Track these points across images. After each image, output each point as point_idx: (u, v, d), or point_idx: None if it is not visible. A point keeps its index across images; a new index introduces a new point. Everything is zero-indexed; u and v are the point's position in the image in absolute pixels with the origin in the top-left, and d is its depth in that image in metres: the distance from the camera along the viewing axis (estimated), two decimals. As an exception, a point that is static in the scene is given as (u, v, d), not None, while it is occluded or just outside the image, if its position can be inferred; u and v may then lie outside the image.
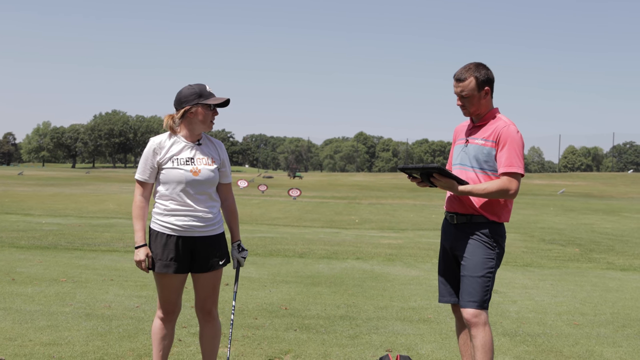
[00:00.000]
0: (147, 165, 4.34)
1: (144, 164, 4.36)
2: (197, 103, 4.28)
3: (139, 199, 4.37)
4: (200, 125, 4.34)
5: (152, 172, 4.34)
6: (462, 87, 4.30)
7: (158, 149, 4.32)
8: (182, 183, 4.25)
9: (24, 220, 17.55)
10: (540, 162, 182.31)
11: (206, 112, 4.31)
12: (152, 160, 4.32)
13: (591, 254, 13.71)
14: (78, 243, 12.68)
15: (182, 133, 4.37)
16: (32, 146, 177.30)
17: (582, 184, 71.57)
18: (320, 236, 15.84)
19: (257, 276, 9.32)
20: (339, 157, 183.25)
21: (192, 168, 4.28)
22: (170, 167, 4.27)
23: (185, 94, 4.31)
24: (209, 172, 4.32)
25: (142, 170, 4.37)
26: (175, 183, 4.26)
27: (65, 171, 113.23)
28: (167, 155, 4.30)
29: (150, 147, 4.34)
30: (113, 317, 6.60)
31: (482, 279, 4.21)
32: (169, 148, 4.32)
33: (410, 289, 8.73)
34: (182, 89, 4.33)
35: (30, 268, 9.34)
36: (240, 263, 4.56)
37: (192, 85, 4.33)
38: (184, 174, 4.25)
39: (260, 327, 6.42)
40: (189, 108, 4.29)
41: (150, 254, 4.32)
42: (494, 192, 4.18)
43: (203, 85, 4.34)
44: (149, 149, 4.34)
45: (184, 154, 4.32)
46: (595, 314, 7.48)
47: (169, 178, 4.28)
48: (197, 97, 4.28)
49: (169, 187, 4.28)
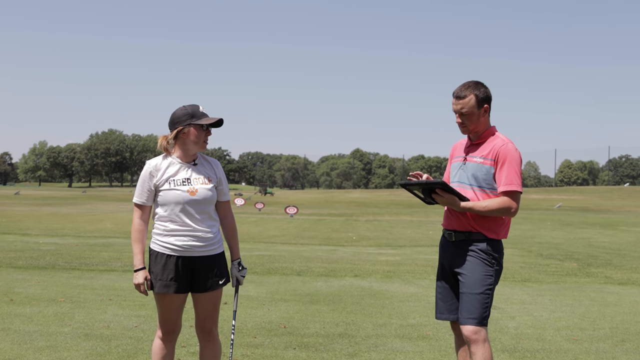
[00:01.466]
0: (145, 188, 4.38)
1: (141, 187, 4.41)
2: (189, 124, 4.31)
3: (138, 222, 4.41)
4: (193, 145, 4.37)
5: (149, 195, 4.38)
6: (462, 104, 4.34)
7: (154, 172, 4.36)
8: (180, 204, 4.29)
9: (21, 240, 17.53)
10: (536, 176, 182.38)
11: (199, 133, 4.34)
12: (149, 183, 4.36)
13: (589, 268, 13.72)
14: (76, 263, 12.66)
15: (176, 154, 4.41)
16: (29, 166, 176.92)
17: (578, 198, 71.60)
18: (318, 254, 15.84)
19: (255, 294, 9.32)
20: (336, 174, 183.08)
21: (189, 188, 4.31)
22: (167, 188, 4.31)
23: (178, 114, 4.35)
24: (206, 192, 4.35)
25: (139, 193, 4.41)
26: (173, 204, 4.30)
27: (62, 190, 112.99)
28: (164, 177, 4.34)
29: (147, 170, 4.39)
30: (112, 337, 6.59)
31: (481, 296, 4.23)
32: (165, 170, 4.36)
33: (409, 305, 8.73)
34: (176, 110, 4.38)
35: (28, 288, 9.33)
36: (240, 281, 4.57)
37: (186, 106, 4.38)
38: (181, 195, 4.28)
39: (260, 346, 6.41)
40: (181, 129, 4.33)
41: (149, 277, 4.35)
42: (496, 209, 4.21)
43: (196, 105, 4.39)
44: (146, 172, 4.38)
45: (180, 174, 4.36)
46: (594, 329, 7.49)
47: (166, 199, 4.31)
48: (190, 118, 4.32)
49: (167, 208, 4.32)
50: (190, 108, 4.36)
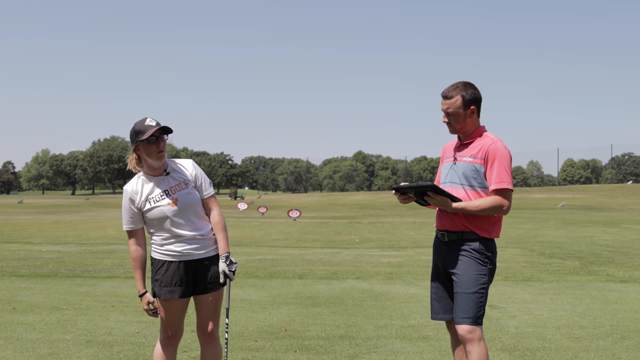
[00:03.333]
0: (128, 214, 4.47)
1: (125, 214, 4.49)
2: (137, 141, 4.34)
3: (134, 249, 4.50)
4: (150, 159, 4.40)
5: (135, 219, 4.46)
6: (448, 104, 4.39)
7: (133, 195, 4.44)
8: (166, 217, 4.36)
9: (25, 249, 17.58)
10: (539, 175, 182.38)
11: (148, 147, 4.35)
12: (131, 209, 4.45)
13: (591, 266, 13.73)
14: (78, 270, 12.71)
15: (145, 170, 4.48)
16: (32, 174, 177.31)
17: (581, 196, 71.52)
18: (320, 257, 15.87)
19: (257, 298, 9.35)
20: (338, 176, 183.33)
21: (169, 200, 4.37)
22: (149, 207, 4.39)
23: (130, 135, 4.41)
24: (185, 197, 4.41)
25: (126, 220, 4.49)
26: (159, 220, 4.38)
27: (65, 198, 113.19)
28: (143, 197, 4.41)
29: (126, 197, 4.47)
30: (114, 343, 6.63)
31: (475, 295, 4.26)
32: (141, 190, 4.43)
33: (410, 307, 8.75)
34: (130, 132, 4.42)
35: (31, 296, 9.38)
36: (229, 277, 4.49)
37: (134, 124, 4.39)
38: (163, 210, 4.36)
39: (260, 349, 6.45)
40: (134, 148, 4.39)
41: (152, 300, 4.45)
42: (487, 208, 4.25)
43: (142, 120, 4.38)
44: (125, 200, 4.47)
45: (157, 190, 4.42)
46: (594, 327, 7.51)
47: (152, 218, 4.40)
48: (136, 135, 4.35)
49: (156, 224, 4.42)
50: (137, 125, 4.37)
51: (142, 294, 4.47)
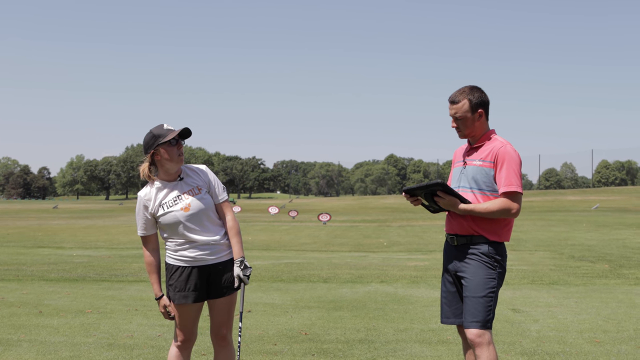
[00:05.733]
0: (142, 220, 4.54)
1: (139, 219, 4.56)
2: (157, 144, 4.40)
3: (147, 254, 4.59)
4: (169, 163, 4.45)
5: (149, 225, 4.53)
6: (455, 109, 4.39)
7: (147, 202, 4.49)
8: (179, 222, 4.41)
9: (56, 254, 17.85)
10: (573, 177, 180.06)
11: (169, 149, 4.41)
12: (145, 214, 4.51)
13: (620, 269, 13.54)
14: (106, 274, 12.86)
15: (160, 176, 4.52)
16: (66, 180, 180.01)
17: (616, 198, 70.48)
18: (347, 260, 15.87)
19: (280, 302, 9.39)
20: (370, 180, 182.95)
21: (182, 205, 4.42)
22: (163, 213, 4.44)
23: (146, 140, 4.46)
24: (198, 202, 4.45)
25: (139, 226, 4.57)
26: (173, 225, 4.43)
27: (99, 203, 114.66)
28: (156, 203, 4.46)
29: (140, 203, 4.53)
30: (135, 346, 6.72)
31: (484, 299, 4.24)
32: (155, 196, 4.48)
33: (432, 310, 8.72)
34: (144, 137, 4.48)
35: (58, 300, 9.52)
36: (244, 281, 4.52)
37: (151, 130, 4.46)
38: (176, 215, 4.41)
39: (279, 352, 6.48)
40: (153, 152, 4.43)
41: (167, 303, 4.52)
42: (496, 211, 4.23)
43: (160, 125, 4.47)
44: (139, 205, 4.53)
45: (170, 195, 4.47)
46: (617, 331, 7.42)
47: (165, 223, 4.46)
48: (156, 139, 4.41)
49: (170, 230, 4.47)
50: (155, 130, 4.45)
51: (159, 297, 4.56)
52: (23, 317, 8.21)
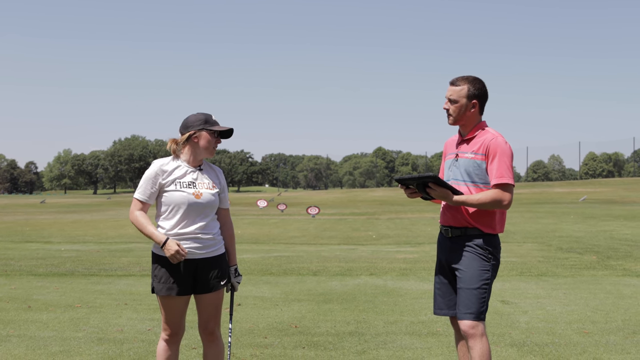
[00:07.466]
0: (149, 186, 4.43)
1: (145, 184, 4.44)
2: (203, 128, 4.42)
3: (139, 213, 4.42)
4: (203, 150, 4.47)
5: (152, 194, 4.44)
6: (452, 91, 4.40)
7: (161, 172, 4.43)
8: (184, 205, 4.36)
9: (44, 248, 17.76)
10: (561, 170, 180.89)
11: (210, 138, 4.46)
12: (154, 181, 4.42)
13: (608, 261, 13.62)
14: (95, 269, 12.81)
15: (184, 157, 4.50)
16: (54, 174, 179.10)
17: (603, 190, 70.86)
18: (336, 253, 15.88)
19: (269, 295, 9.39)
20: (359, 173, 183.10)
21: (195, 191, 4.39)
22: (173, 189, 4.38)
23: (192, 119, 4.46)
24: (210, 196, 4.44)
25: (143, 190, 4.43)
26: (177, 205, 4.36)
27: (87, 197, 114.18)
28: (170, 177, 4.41)
29: (153, 169, 4.44)
30: (124, 340, 6.70)
31: (478, 291, 4.26)
32: (172, 171, 4.44)
33: (422, 302, 8.74)
34: (189, 116, 4.50)
35: (46, 295, 9.48)
36: (235, 287, 4.68)
37: (199, 113, 4.49)
38: (186, 197, 4.36)
39: (269, 345, 6.48)
40: (193, 133, 4.42)
41: (178, 244, 4.29)
42: (488, 202, 4.24)
43: (209, 114, 4.51)
44: (152, 171, 4.44)
45: (187, 177, 4.44)
46: (606, 322, 7.46)
47: (171, 200, 4.38)
48: (203, 123, 4.44)
49: (171, 208, 4.39)
50: (204, 115, 4.49)
51: (165, 240, 4.28)
52: (12, 312, 8.17)
